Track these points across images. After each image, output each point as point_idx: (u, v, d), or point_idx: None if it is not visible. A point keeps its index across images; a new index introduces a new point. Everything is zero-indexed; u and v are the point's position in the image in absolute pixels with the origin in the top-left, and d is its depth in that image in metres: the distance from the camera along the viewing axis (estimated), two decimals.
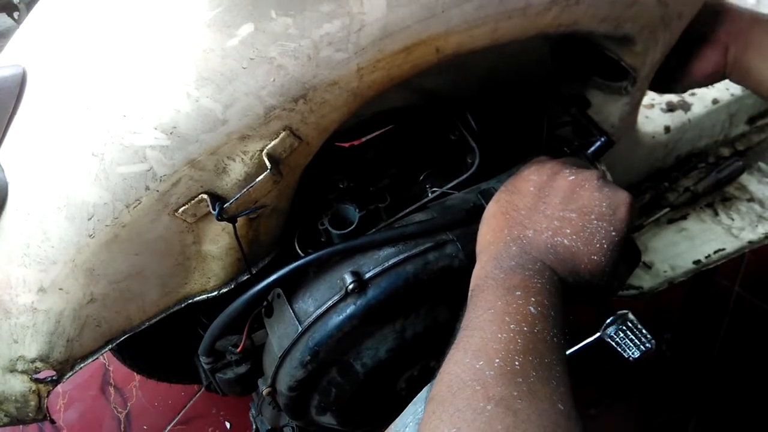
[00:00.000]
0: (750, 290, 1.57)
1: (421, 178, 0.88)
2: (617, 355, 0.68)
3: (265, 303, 0.78)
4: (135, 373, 1.24)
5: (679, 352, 1.43)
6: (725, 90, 1.25)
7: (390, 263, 0.72)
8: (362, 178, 0.86)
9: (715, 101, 1.23)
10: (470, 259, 0.69)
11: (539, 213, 0.64)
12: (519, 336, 0.51)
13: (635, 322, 0.66)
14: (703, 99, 1.24)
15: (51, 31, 0.67)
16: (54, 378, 0.75)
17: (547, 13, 0.67)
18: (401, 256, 0.72)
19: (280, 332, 0.76)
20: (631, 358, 0.67)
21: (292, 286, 0.76)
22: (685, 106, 1.22)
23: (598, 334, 0.67)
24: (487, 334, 0.52)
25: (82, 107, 0.61)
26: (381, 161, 0.89)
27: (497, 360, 0.49)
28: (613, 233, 0.62)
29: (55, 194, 0.63)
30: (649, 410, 1.37)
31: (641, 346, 0.67)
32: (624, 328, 0.66)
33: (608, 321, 0.66)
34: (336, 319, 0.72)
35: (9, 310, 0.69)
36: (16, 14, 2.73)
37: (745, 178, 1.27)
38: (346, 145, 0.92)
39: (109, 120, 0.60)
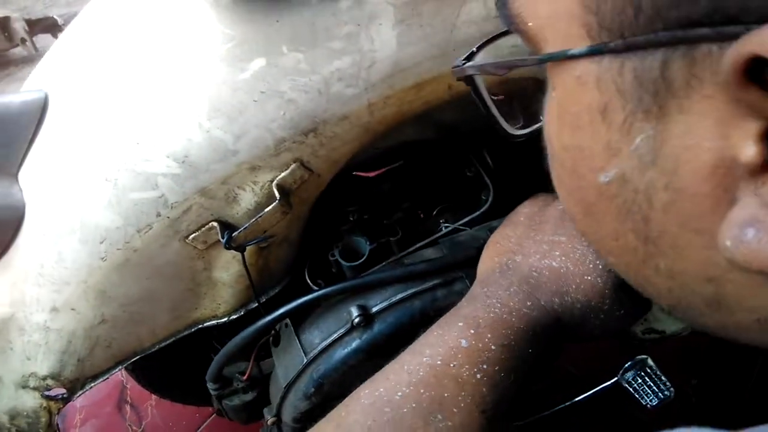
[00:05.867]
0: None
1: (435, 212, 0.88)
2: (634, 402, 0.66)
3: (273, 332, 0.78)
4: None
5: (706, 399, 1.38)
6: None
7: (397, 298, 0.71)
8: (376, 211, 0.86)
9: None
10: None
11: (529, 239, 0.63)
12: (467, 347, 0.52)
13: (654, 368, 0.64)
14: None
15: (74, 59, 0.70)
16: (64, 396, 0.76)
17: None
18: (409, 291, 0.72)
19: (286, 362, 0.76)
20: (649, 406, 0.65)
21: (301, 317, 0.76)
22: None
23: (615, 379, 0.66)
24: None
25: (99, 133, 0.63)
26: (396, 194, 0.89)
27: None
28: None
29: (69, 217, 0.65)
30: None
31: (659, 394, 0.65)
32: (642, 373, 0.64)
33: (627, 365, 0.64)
34: (341, 352, 0.71)
35: (23, 328, 0.71)
36: (60, 35, 2.83)
37: None
38: (367, 174, 0.92)
39: (122, 147, 0.62)
